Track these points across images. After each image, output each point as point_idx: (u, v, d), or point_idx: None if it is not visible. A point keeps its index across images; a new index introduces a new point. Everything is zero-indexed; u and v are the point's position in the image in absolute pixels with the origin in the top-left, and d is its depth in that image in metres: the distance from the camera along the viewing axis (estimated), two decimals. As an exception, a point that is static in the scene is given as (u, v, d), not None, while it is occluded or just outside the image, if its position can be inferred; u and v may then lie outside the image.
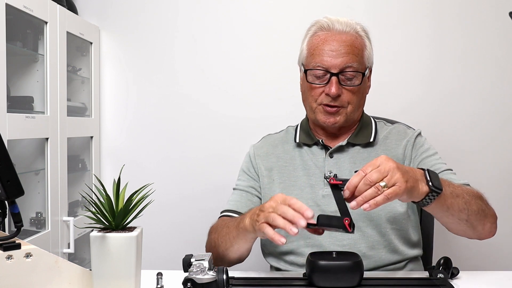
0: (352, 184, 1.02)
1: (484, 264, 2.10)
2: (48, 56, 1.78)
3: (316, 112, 1.36)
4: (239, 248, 1.24)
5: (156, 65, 2.24)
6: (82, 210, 2.11)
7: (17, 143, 1.75)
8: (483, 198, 1.22)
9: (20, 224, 0.89)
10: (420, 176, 1.08)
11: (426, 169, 1.10)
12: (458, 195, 1.14)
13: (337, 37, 1.33)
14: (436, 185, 1.07)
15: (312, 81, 1.34)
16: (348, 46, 1.32)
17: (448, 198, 1.11)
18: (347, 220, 1.02)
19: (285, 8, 2.19)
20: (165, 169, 2.25)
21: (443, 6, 2.14)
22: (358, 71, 1.32)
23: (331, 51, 1.32)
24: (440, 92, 2.16)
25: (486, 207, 1.21)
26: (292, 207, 1.04)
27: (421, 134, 1.42)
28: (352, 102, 1.34)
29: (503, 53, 2.13)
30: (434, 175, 1.09)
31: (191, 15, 2.22)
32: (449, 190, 1.12)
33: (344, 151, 1.39)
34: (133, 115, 2.27)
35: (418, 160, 1.36)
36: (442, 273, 1.10)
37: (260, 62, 2.20)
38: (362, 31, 1.38)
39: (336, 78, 1.31)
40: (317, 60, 1.33)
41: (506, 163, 2.15)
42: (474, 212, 1.16)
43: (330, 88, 1.31)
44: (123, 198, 0.96)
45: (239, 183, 1.47)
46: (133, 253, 0.93)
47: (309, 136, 1.43)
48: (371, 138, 1.39)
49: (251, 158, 1.48)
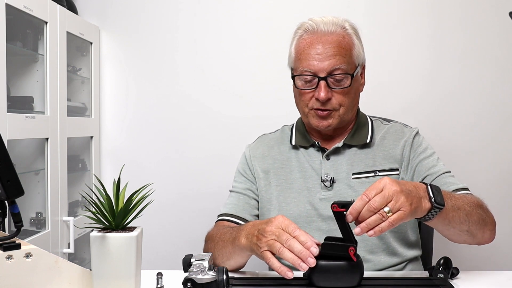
0: (355, 209, 1.00)
1: (484, 264, 2.10)
2: (48, 56, 1.78)
3: (309, 116, 1.34)
4: (236, 262, 1.22)
5: (156, 65, 2.24)
6: (82, 210, 2.11)
7: (17, 143, 1.75)
8: (483, 206, 1.20)
9: (20, 224, 0.89)
10: (423, 192, 1.05)
11: (428, 184, 1.08)
12: (460, 208, 1.12)
13: (322, 39, 1.29)
14: (439, 201, 1.05)
15: (301, 87, 1.32)
16: (334, 48, 1.28)
17: (449, 212, 1.09)
18: (352, 250, 1.01)
19: (285, 8, 2.19)
20: (165, 169, 2.25)
21: (443, 6, 2.14)
22: (347, 73, 1.29)
23: (317, 54, 1.28)
24: (440, 92, 2.15)
25: (486, 215, 1.20)
26: (298, 239, 1.02)
27: (418, 133, 1.40)
28: (344, 103, 1.31)
29: (503, 53, 2.13)
30: (436, 190, 1.07)
31: (191, 15, 2.22)
32: (451, 204, 1.10)
33: (341, 153, 1.37)
34: (133, 115, 2.27)
35: (416, 161, 1.34)
36: (442, 273, 1.10)
37: (260, 62, 2.20)
38: (351, 28, 1.33)
39: (325, 82, 1.28)
40: (304, 65, 1.30)
41: (506, 163, 2.15)
42: (474, 222, 1.15)
43: (319, 92, 1.28)
44: (123, 198, 0.96)
45: (236, 185, 1.45)
46: (133, 253, 0.93)
47: (305, 138, 1.41)
48: (367, 139, 1.37)
49: (247, 160, 1.46)
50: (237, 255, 1.19)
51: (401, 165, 1.35)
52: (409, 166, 1.35)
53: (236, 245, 1.15)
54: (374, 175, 1.34)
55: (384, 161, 1.35)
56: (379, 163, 1.35)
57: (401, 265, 1.33)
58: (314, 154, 1.39)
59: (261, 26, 2.20)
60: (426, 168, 1.33)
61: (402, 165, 1.35)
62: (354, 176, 1.34)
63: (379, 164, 1.35)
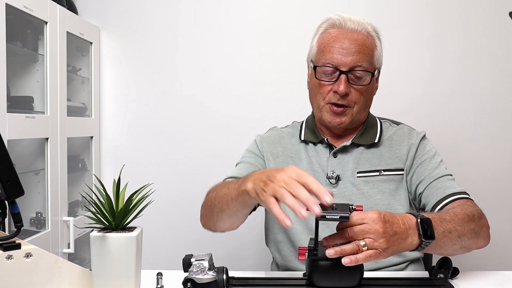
0: (337, 229, 1.01)
1: (484, 264, 2.09)
2: (48, 56, 1.78)
3: (323, 111, 1.35)
4: (236, 212, 1.15)
5: (156, 65, 2.24)
6: (82, 210, 2.11)
7: (17, 143, 1.75)
8: (474, 217, 1.18)
9: (20, 224, 0.89)
10: (412, 229, 1.03)
11: (419, 218, 1.05)
12: (451, 231, 1.11)
13: (348, 35, 1.32)
14: (429, 235, 1.04)
15: (320, 78, 1.33)
16: (359, 45, 1.31)
17: (440, 239, 1.08)
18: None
19: (285, 8, 2.19)
20: (165, 169, 2.25)
21: (443, 6, 2.14)
22: (367, 71, 1.32)
23: (341, 48, 1.30)
24: (440, 92, 2.16)
25: (478, 226, 1.18)
26: (308, 187, 0.94)
27: (425, 137, 1.41)
28: (359, 102, 1.33)
29: (503, 53, 2.13)
30: (426, 223, 1.05)
31: (191, 15, 2.22)
32: (441, 230, 1.08)
33: (348, 152, 1.38)
34: (133, 115, 2.27)
35: (418, 163, 1.35)
36: (442, 273, 1.10)
37: (260, 62, 2.20)
38: (373, 31, 1.37)
39: (345, 76, 1.30)
40: (327, 57, 1.31)
41: (506, 163, 2.15)
42: (467, 238, 1.14)
43: (338, 85, 1.30)
44: (123, 198, 0.96)
45: (244, 159, 1.45)
46: (133, 253, 0.93)
47: (314, 134, 1.42)
48: (376, 139, 1.39)
49: (258, 143, 1.47)
50: (239, 203, 1.11)
51: (406, 166, 1.36)
52: (412, 168, 1.36)
53: (242, 190, 1.06)
54: (379, 174, 1.35)
55: (390, 161, 1.36)
56: (385, 162, 1.36)
57: (403, 264, 1.34)
58: (322, 151, 1.40)
59: (261, 26, 2.20)
60: (425, 170, 1.33)
61: (406, 166, 1.36)
62: (359, 174, 1.35)
63: (384, 163, 1.36)
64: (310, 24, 2.27)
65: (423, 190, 1.32)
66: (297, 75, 2.16)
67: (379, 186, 1.34)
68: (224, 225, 1.26)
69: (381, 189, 1.34)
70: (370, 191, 1.34)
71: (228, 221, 1.23)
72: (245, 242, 2.20)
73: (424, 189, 1.32)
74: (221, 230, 1.29)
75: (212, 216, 1.24)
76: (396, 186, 1.34)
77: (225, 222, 1.24)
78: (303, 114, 1.53)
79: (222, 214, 1.20)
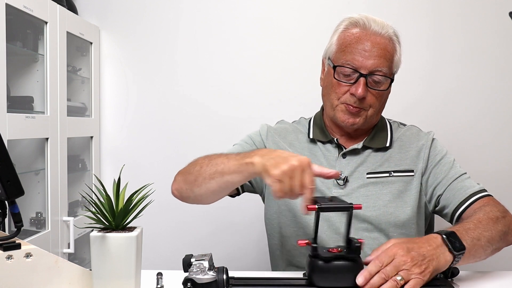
0: (370, 273, 1.00)
1: (484, 264, 2.09)
2: (48, 56, 1.78)
3: (337, 110, 1.33)
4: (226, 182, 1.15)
5: (156, 65, 2.24)
6: (82, 210, 2.11)
7: (17, 143, 1.75)
8: (498, 219, 1.18)
9: (20, 224, 0.89)
10: (440, 247, 1.05)
11: (443, 234, 1.07)
12: (479, 238, 1.11)
13: (372, 38, 1.30)
14: (458, 247, 1.05)
15: (338, 78, 1.30)
16: (381, 49, 1.29)
17: (471, 248, 1.09)
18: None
19: (285, 8, 2.19)
20: (165, 169, 2.24)
21: (443, 6, 2.14)
22: (386, 76, 1.30)
23: (364, 51, 1.28)
24: (440, 92, 2.16)
25: (505, 226, 1.19)
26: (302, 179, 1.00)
27: (435, 137, 1.41)
28: (374, 106, 1.31)
29: (503, 53, 2.13)
30: (453, 236, 1.07)
31: (191, 15, 2.22)
32: (469, 239, 1.09)
33: (358, 154, 1.37)
34: (133, 115, 2.27)
35: (433, 164, 1.34)
36: (442, 273, 1.10)
37: (260, 62, 2.20)
38: (395, 35, 1.35)
39: (364, 79, 1.27)
40: (347, 58, 1.29)
41: (506, 163, 2.15)
42: (497, 241, 1.16)
43: (357, 88, 1.27)
44: (123, 198, 0.96)
45: (241, 143, 1.44)
46: (133, 253, 0.93)
47: (324, 133, 1.40)
48: (387, 143, 1.37)
49: (261, 133, 1.45)
50: (235, 173, 1.12)
51: (417, 167, 1.34)
52: (427, 169, 1.34)
53: (244, 162, 1.08)
54: (388, 175, 1.34)
55: (399, 162, 1.35)
56: (394, 164, 1.35)
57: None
58: (331, 150, 1.38)
59: (261, 26, 2.20)
60: (442, 172, 1.33)
61: (419, 168, 1.34)
62: (368, 175, 1.34)
63: (394, 165, 1.35)
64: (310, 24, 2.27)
65: (442, 192, 1.31)
66: (297, 75, 2.16)
67: (388, 187, 1.33)
68: (202, 195, 1.22)
69: (390, 190, 1.32)
70: (379, 192, 1.32)
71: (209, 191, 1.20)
72: (245, 242, 2.20)
73: (444, 191, 1.31)
74: (195, 199, 1.25)
75: (196, 181, 1.21)
76: (404, 187, 1.33)
77: (206, 191, 1.20)
78: (303, 114, 1.53)
79: (210, 181, 1.17)
